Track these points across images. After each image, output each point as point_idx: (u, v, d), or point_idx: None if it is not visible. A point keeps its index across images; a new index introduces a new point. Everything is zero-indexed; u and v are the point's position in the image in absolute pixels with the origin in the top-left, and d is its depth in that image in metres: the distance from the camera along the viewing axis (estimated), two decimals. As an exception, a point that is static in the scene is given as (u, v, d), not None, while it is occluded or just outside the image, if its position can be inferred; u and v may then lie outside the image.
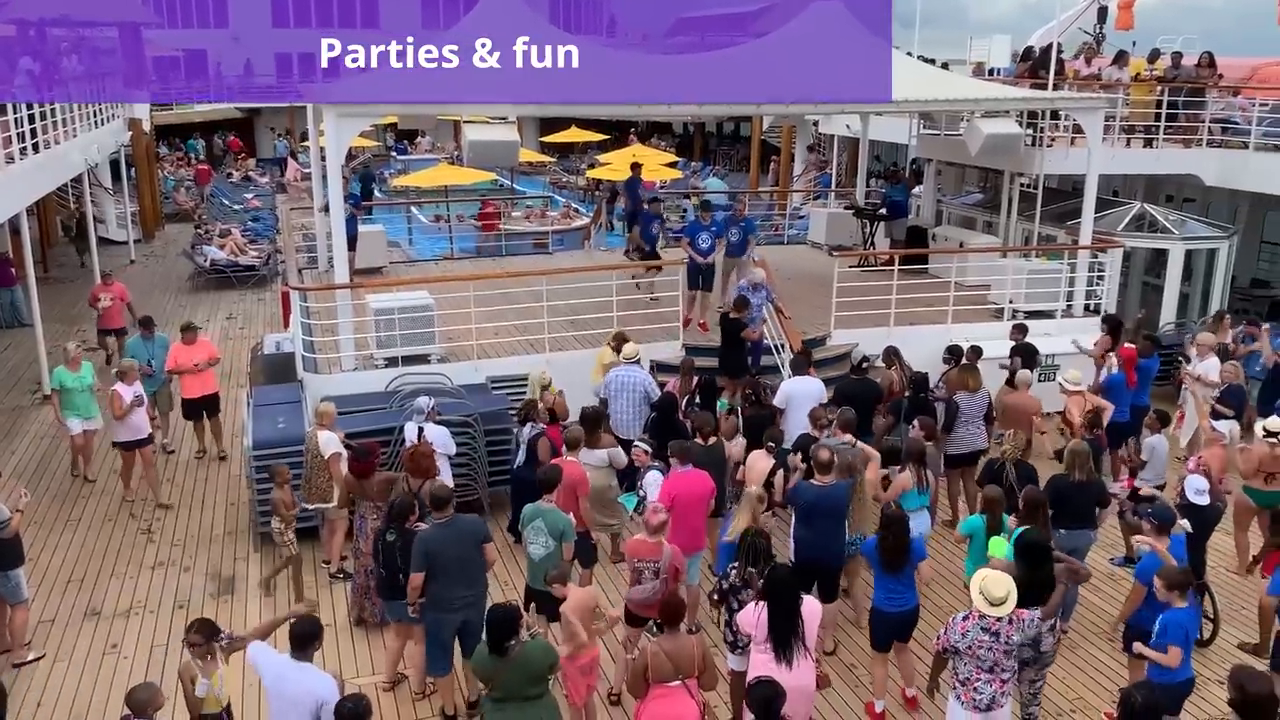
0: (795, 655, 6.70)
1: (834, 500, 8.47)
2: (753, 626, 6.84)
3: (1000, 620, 6.61)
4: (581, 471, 9.03)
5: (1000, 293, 15.46)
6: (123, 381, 11.61)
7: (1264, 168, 16.84)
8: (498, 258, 20.79)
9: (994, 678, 6.66)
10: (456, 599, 7.60)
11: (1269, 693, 5.71)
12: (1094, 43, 21.15)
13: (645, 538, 7.74)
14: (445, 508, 7.67)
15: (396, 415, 10.94)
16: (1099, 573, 10.48)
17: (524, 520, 8.25)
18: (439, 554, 7.52)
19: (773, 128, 36.86)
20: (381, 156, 44.15)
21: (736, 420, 10.59)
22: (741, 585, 7.36)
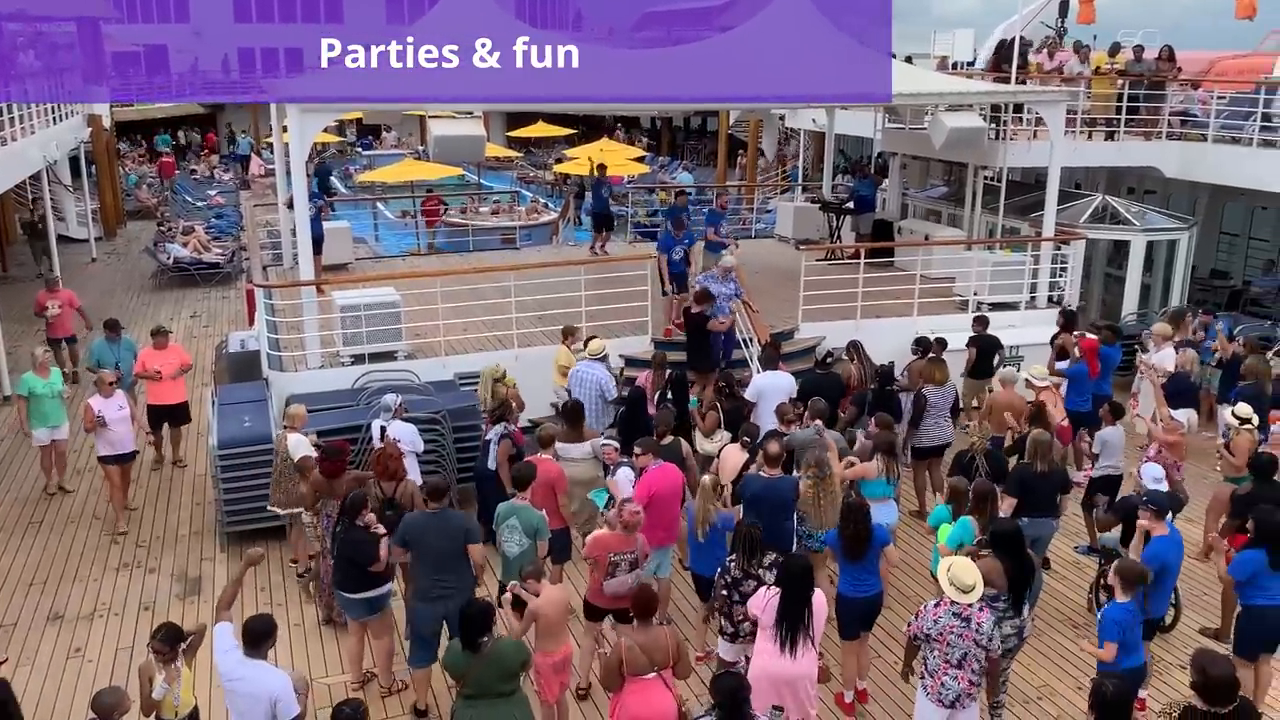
0: (800, 644, 6.79)
1: (779, 492, 8.53)
2: (761, 610, 6.92)
3: (972, 606, 6.69)
4: (558, 469, 9.02)
5: (965, 285, 15.59)
6: (99, 393, 11.08)
7: (1222, 160, 17.09)
8: (465, 253, 20.68)
9: (961, 673, 6.70)
10: (436, 585, 7.60)
11: (1229, 675, 5.80)
12: (1056, 37, 21.35)
13: (618, 532, 7.76)
14: (440, 499, 7.76)
15: (364, 413, 10.87)
16: (1064, 560, 10.64)
17: (498, 519, 8.23)
18: (418, 540, 7.59)
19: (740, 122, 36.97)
20: (346, 152, 43.85)
21: (718, 415, 10.58)
22: (743, 577, 7.42)
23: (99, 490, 11.91)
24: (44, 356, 11.98)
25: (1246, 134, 16.90)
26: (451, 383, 12.34)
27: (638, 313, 13.61)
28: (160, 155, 41.10)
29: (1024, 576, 7.40)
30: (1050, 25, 21.93)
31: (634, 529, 7.72)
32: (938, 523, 8.56)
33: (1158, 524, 7.75)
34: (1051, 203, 15.67)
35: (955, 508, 8.44)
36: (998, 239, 17.02)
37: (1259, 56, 20.47)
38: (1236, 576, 7.73)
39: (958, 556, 7.17)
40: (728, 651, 7.70)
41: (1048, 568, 10.10)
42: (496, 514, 8.29)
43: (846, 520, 7.80)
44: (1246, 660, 7.90)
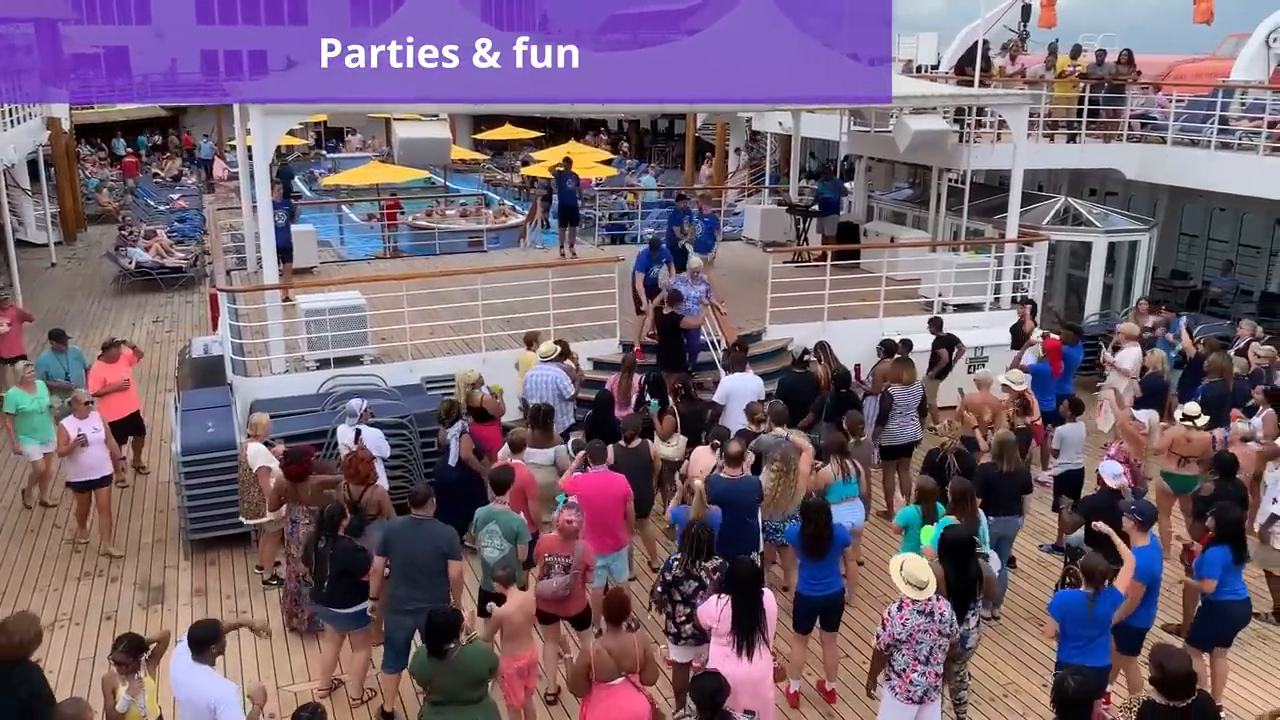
0: (756, 648, 6.79)
1: (742, 493, 8.54)
2: (714, 619, 6.90)
3: (931, 600, 6.75)
4: (528, 473, 9.00)
5: (930, 286, 15.71)
6: (74, 414, 10.42)
7: (1181, 162, 17.33)
8: (431, 256, 20.59)
9: (929, 669, 6.77)
10: (409, 601, 7.52)
11: (1187, 669, 5.89)
12: (1018, 40, 21.60)
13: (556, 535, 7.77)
14: (423, 506, 7.69)
15: (329, 418, 10.80)
16: (1029, 559, 10.74)
17: (477, 523, 8.18)
18: (394, 544, 7.54)
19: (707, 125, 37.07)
20: (311, 154, 43.51)
21: (674, 419, 10.61)
22: (684, 577, 7.41)
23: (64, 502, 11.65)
24: (27, 372, 11.42)
25: (1205, 137, 17.15)
26: (418, 387, 12.27)
27: (606, 315, 13.61)
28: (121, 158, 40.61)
29: (967, 585, 7.32)
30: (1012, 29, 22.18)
31: (570, 537, 7.69)
32: (906, 523, 8.60)
33: (1141, 535, 7.78)
34: (1015, 204, 15.83)
35: (925, 508, 8.49)
36: (962, 241, 17.18)
37: (1216, 60, 20.82)
38: (1209, 576, 7.81)
39: (909, 554, 7.23)
40: (678, 654, 7.70)
41: (1013, 566, 10.20)
42: (476, 518, 8.24)
43: (807, 520, 7.84)
44: (1199, 650, 8.03)
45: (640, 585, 9.87)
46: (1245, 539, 8.17)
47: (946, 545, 7.40)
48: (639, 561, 10.21)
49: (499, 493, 8.23)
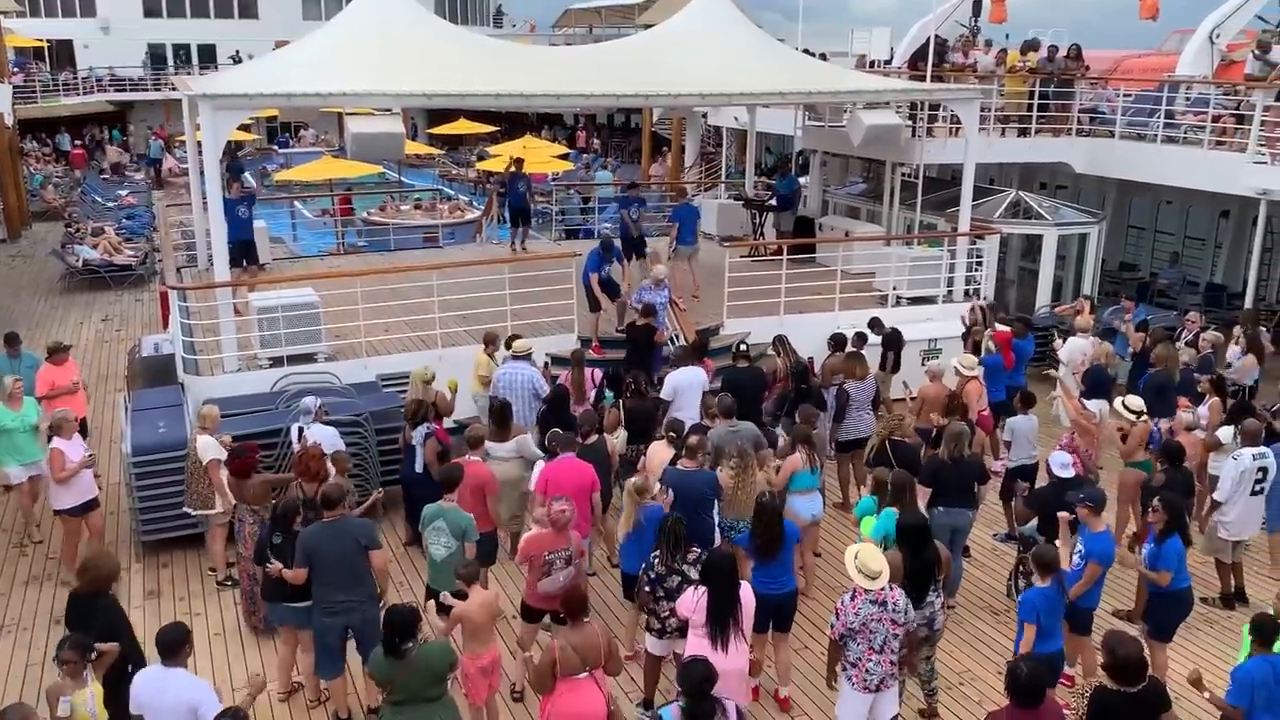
0: (731, 639, 6.82)
1: (696, 485, 8.56)
2: (691, 610, 6.93)
3: (884, 590, 6.82)
4: (487, 471, 8.94)
5: (885, 280, 15.86)
6: (59, 435, 9.72)
7: (1129, 155, 17.62)
8: (386, 252, 20.41)
9: (883, 657, 6.85)
10: (335, 602, 7.47)
11: (1138, 655, 6.00)
12: (970, 35, 21.78)
13: (550, 531, 7.74)
14: (336, 507, 7.56)
15: (283, 416, 10.68)
16: (982, 548, 10.88)
17: (424, 521, 8.14)
18: (316, 552, 7.42)
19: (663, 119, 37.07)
20: (263, 150, 42.94)
21: (618, 414, 10.63)
22: (666, 573, 7.43)
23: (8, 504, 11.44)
24: (14, 386, 10.51)
25: (1151, 131, 17.45)
26: (374, 384, 12.17)
27: (563, 311, 13.58)
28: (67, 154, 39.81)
29: (926, 569, 7.40)
30: (964, 24, 22.35)
31: (563, 527, 7.70)
32: (863, 513, 8.69)
33: (1096, 520, 7.89)
34: (967, 198, 16.02)
35: (881, 498, 8.58)
36: (915, 235, 17.34)
37: (1162, 56, 21.18)
38: (1168, 568, 7.93)
39: (863, 544, 7.30)
40: (656, 647, 7.74)
41: (967, 555, 10.31)
42: (423, 516, 8.20)
43: (759, 520, 7.87)
44: (1162, 642, 8.17)
45: (599, 580, 9.89)
46: (1188, 526, 8.34)
47: (901, 531, 7.50)
48: (599, 557, 10.21)
49: (447, 490, 8.20)
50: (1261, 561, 10.50)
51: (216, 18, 47.89)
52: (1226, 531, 9.64)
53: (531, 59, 16.90)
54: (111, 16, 45.83)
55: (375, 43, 13.81)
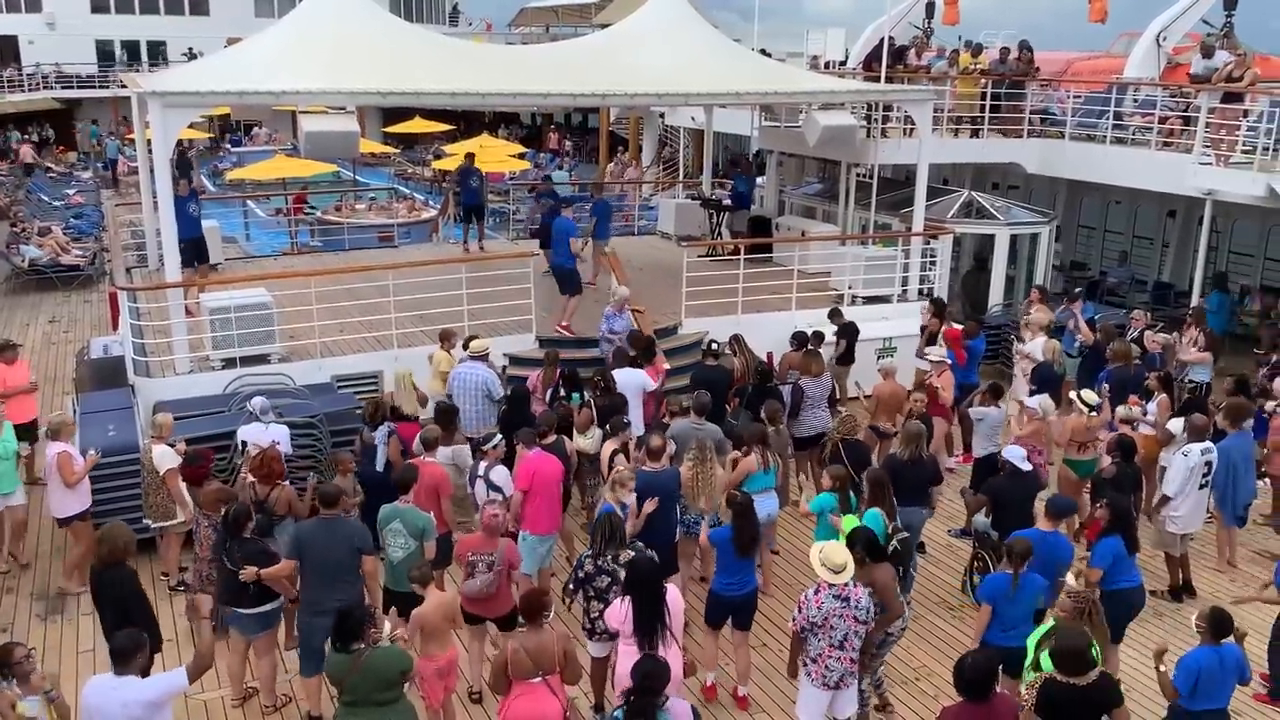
0: (660, 645, 6.76)
1: (664, 484, 8.61)
2: (620, 621, 6.85)
3: (848, 585, 6.86)
4: (443, 471, 8.94)
5: (840, 279, 15.99)
6: (57, 440, 9.48)
7: (1079, 156, 17.90)
8: (341, 252, 20.22)
9: (844, 654, 6.90)
10: (322, 601, 7.40)
11: (1082, 646, 6.12)
12: (923, 36, 22.03)
13: (479, 534, 7.74)
14: (333, 506, 7.57)
15: (236, 419, 10.53)
16: (937, 544, 11.01)
17: (381, 522, 8.09)
18: (308, 548, 7.41)
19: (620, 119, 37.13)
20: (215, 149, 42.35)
21: (591, 413, 10.63)
22: (595, 572, 7.41)
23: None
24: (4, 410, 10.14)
25: (1100, 132, 17.74)
26: (329, 385, 12.05)
27: (521, 311, 13.53)
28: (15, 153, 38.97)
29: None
30: (918, 25, 22.60)
31: (494, 533, 7.67)
32: (819, 508, 8.72)
33: (1049, 523, 8.00)
34: (920, 198, 16.19)
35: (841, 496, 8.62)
36: (870, 234, 17.49)
37: (1110, 58, 21.54)
38: (1100, 566, 8.06)
39: (829, 540, 7.35)
40: (596, 649, 7.72)
41: (922, 552, 10.42)
42: (379, 517, 8.15)
43: (739, 518, 7.89)
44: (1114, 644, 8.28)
45: (559, 581, 9.86)
46: (1135, 528, 8.47)
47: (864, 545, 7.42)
48: (556, 556, 10.18)
49: (403, 491, 8.17)
50: (1209, 555, 10.72)
51: (166, 14, 47.19)
52: (1176, 526, 9.82)
53: (487, 58, 16.84)
54: (57, 12, 44.96)
55: (329, 40, 13.68)
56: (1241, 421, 10.34)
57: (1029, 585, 7.36)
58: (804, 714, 7.20)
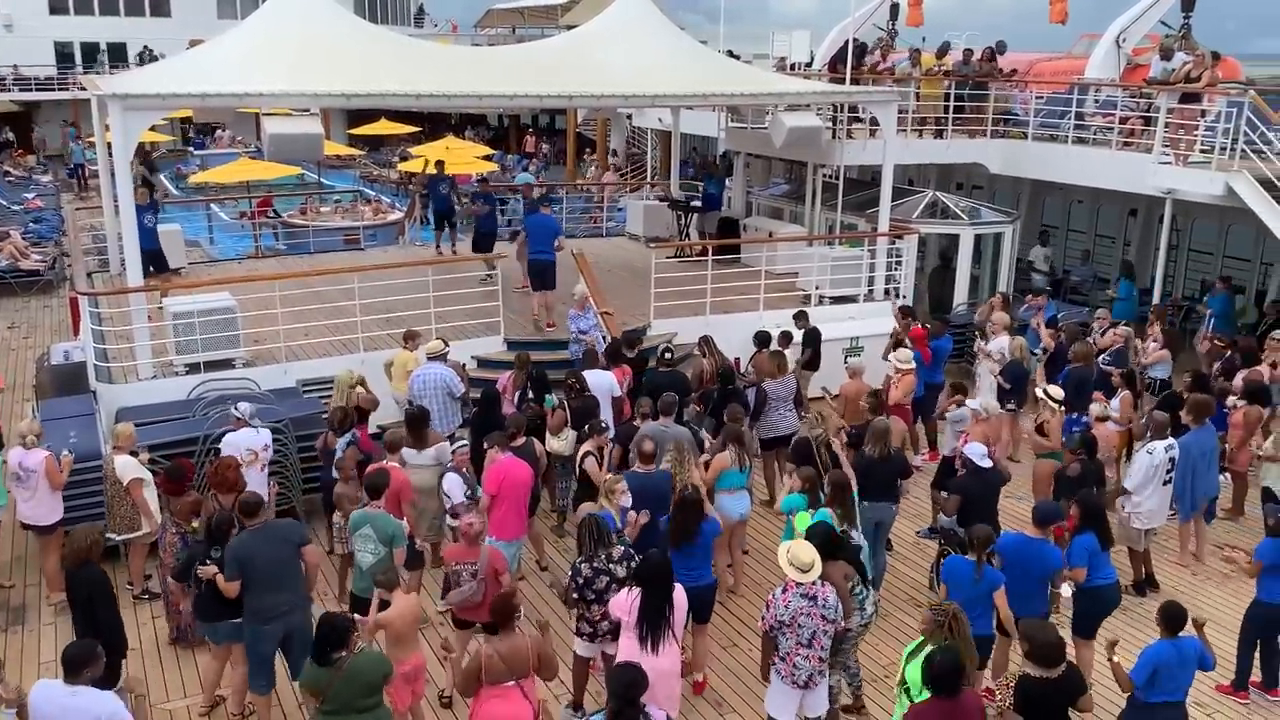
0: (662, 641, 6.83)
1: (657, 486, 8.68)
2: (625, 611, 6.93)
3: (815, 584, 6.91)
4: (404, 476, 8.88)
5: (808, 279, 16.06)
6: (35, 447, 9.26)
7: (1041, 156, 18.09)
8: (306, 255, 20.07)
9: (812, 653, 6.94)
10: (273, 607, 7.36)
11: (1055, 639, 6.21)
12: (887, 38, 22.18)
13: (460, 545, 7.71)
14: (257, 514, 7.46)
15: (200, 424, 10.43)
16: (905, 542, 11.08)
17: (352, 526, 8.04)
18: (250, 560, 7.28)
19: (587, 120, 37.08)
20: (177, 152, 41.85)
21: (564, 414, 10.61)
22: (594, 575, 7.42)
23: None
24: None
25: (1063, 132, 17.94)
26: (294, 390, 11.96)
27: (489, 313, 13.49)
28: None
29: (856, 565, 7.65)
30: (882, 27, 22.75)
31: (475, 541, 7.66)
32: (790, 508, 8.75)
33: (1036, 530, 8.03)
34: (886, 199, 16.30)
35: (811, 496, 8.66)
36: (837, 235, 17.59)
37: (1072, 59, 21.78)
38: (1078, 564, 8.12)
39: (797, 539, 7.39)
40: (584, 649, 7.73)
41: (889, 549, 10.48)
42: (350, 521, 8.11)
43: (679, 511, 7.99)
44: (1085, 639, 8.38)
45: (528, 584, 9.85)
46: (1108, 524, 8.57)
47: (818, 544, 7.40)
48: (526, 560, 10.15)
49: (373, 496, 8.14)
50: (1170, 548, 10.86)
51: (127, 15, 46.60)
52: (1140, 521, 9.93)
53: (453, 59, 16.78)
54: (14, 14, 44.24)
55: (293, 42, 13.58)
56: (1205, 417, 10.48)
57: (990, 578, 7.42)
58: (774, 712, 7.24)
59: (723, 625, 9.19)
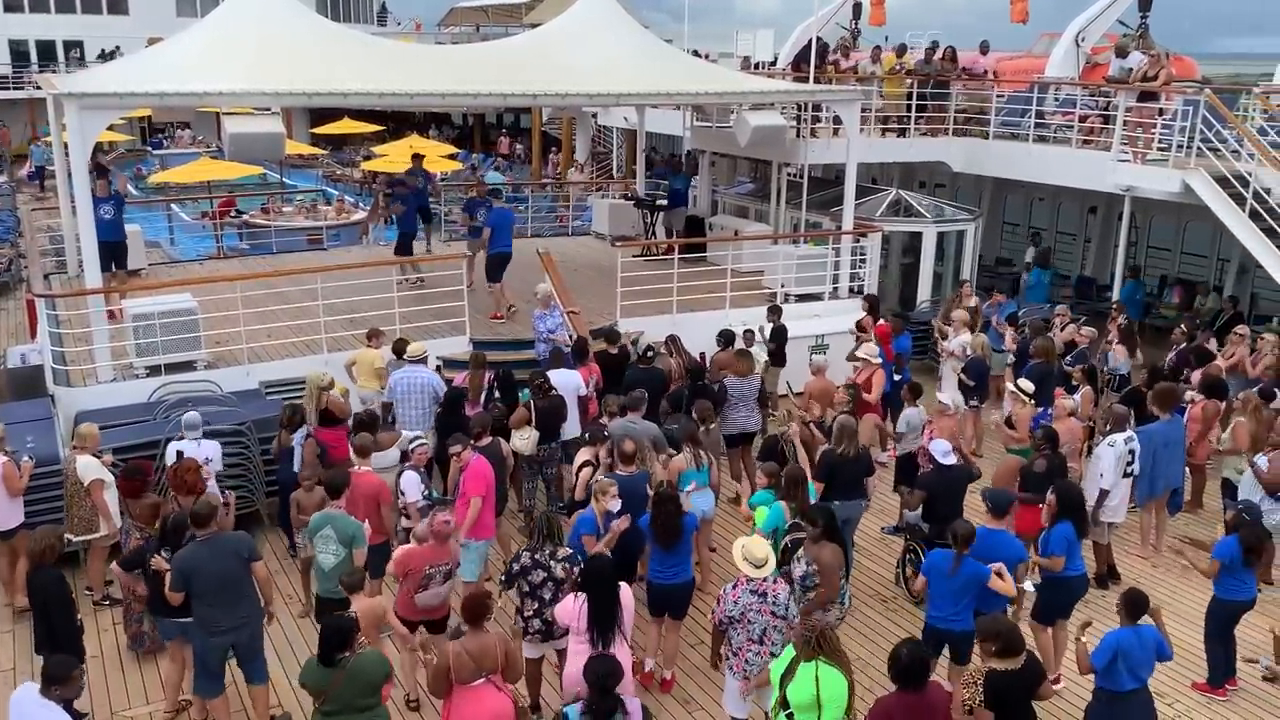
0: (612, 643, 6.84)
1: (640, 486, 8.70)
2: (573, 618, 6.92)
3: (766, 580, 6.96)
4: (380, 481, 8.81)
5: (773, 278, 16.12)
6: None
7: (1002, 154, 18.26)
8: (268, 255, 19.87)
9: (763, 648, 6.99)
10: (219, 621, 7.26)
11: (1017, 628, 6.33)
12: (850, 38, 22.30)
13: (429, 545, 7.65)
14: (207, 524, 7.30)
15: (161, 427, 10.31)
16: (871, 538, 11.16)
17: (311, 529, 7.97)
18: (196, 573, 7.15)
19: (552, 119, 37.03)
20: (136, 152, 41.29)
21: (526, 412, 10.59)
22: (531, 566, 7.40)
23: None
24: None
25: (1023, 130, 18.12)
26: (257, 392, 11.84)
27: (454, 313, 13.42)
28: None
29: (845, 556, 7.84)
30: (844, 26, 22.88)
31: (446, 539, 7.62)
32: (757, 505, 8.81)
33: (995, 521, 8.11)
34: (849, 197, 16.40)
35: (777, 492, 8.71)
36: (802, 233, 17.67)
37: (1032, 58, 22.02)
38: (1060, 553, 8.20)
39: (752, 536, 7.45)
40: (529, 650, 7.72)
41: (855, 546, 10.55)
42: (310, 523, 8.04)
43: (658, 509, 7.98)
44: (1043, 625, 8.48)
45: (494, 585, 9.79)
46: (1086, 515, 8.67)
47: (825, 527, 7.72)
48: (493, 561, 10.12)
49: (334, 496, 8.09)
50: (1131, 540, 11.01)
51: (84, 13, 45.93)
52: (1106, 515, 10.04)
53: (416, 57, 16.69)
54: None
55: (253, 40, 13.42)
56: (1171, 407, 10.63)
57: (969, 570, 7.49)
58: (730, 706, 7.35)
59: (690, 624, 9.19)
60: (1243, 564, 8.21)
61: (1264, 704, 8.50)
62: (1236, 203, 13.93)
